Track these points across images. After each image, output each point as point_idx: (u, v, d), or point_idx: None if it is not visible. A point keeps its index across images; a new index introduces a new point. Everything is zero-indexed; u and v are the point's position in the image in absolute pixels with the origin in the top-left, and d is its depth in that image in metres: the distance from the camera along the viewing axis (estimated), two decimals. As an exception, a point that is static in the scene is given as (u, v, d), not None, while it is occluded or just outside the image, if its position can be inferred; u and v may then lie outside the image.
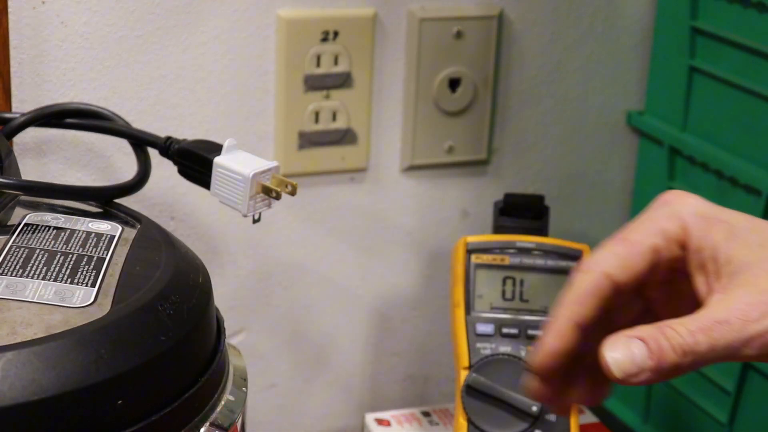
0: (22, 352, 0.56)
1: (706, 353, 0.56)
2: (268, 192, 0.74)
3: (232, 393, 0.67)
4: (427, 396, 1.10)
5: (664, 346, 0.56)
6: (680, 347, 0.56)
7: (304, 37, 0.94)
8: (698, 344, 0.56)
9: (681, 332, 0.56)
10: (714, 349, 0.56)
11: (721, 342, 0.56)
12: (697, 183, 1.00)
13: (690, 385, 1.03)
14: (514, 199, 0.90)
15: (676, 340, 0.56)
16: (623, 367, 0.56)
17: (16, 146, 0.88)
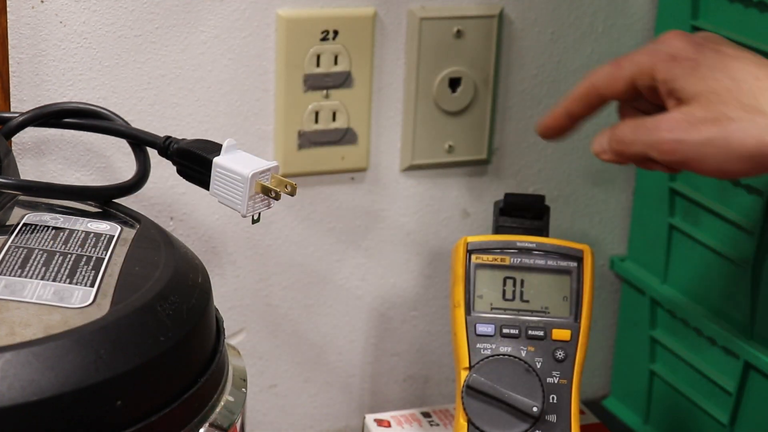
0: (21, 353, 0.56)
1: (630, 145, 0.77)
2: (267, 192, 0.73)
3: (231, 393, 0.67)
4: (427, 396, 1.10)
5: (617, 133, 0.78)
6: (621, 138, 0.78)
7: (304, 36, 0.94)
8: (629, 137, 0.77)
9: (625, 129, 0.77)
10: (635, 143, 0.76)
11: (640, 139, 0.75)
12: (698, 182, 1.00)
13: (691, 386, 1.03)
14: (514, 199, 0.90)
15: (624, 130, 0.77)
16: (593, 146, 0.81)
17: (15, 146, 0.88)
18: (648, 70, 0.75)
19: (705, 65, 0.73)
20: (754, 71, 0.73)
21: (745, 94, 0.72)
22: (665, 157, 0.74)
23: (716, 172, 0.73)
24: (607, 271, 1.12)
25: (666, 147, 0.74)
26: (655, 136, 0.74)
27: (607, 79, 0.78)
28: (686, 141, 0.73)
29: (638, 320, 1.09)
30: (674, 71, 0.74)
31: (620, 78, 0.77)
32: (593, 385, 1.15)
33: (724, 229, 0.97)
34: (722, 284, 0.99)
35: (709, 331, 0.99)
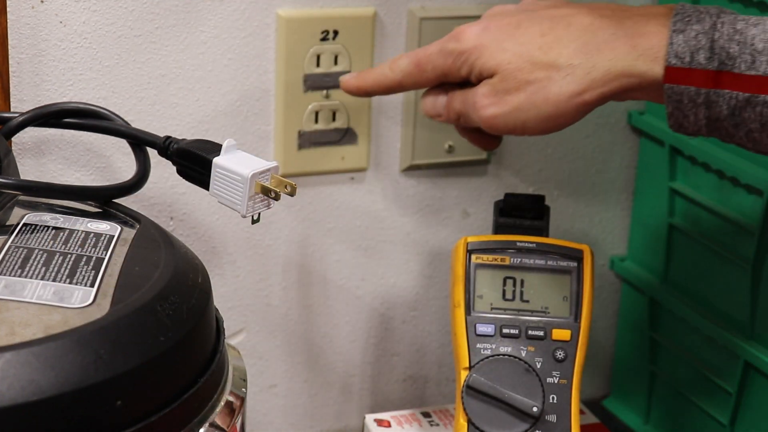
0: (21, 353, 0.56)
1: (465, 118, 0.81)
2: (267, 192, 0.73)
3: (231, 393, 0.67)
4: (427, 396, 1.10)
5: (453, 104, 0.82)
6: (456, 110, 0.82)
7: (304, 36, 0.94)
8: (461, 110, 0.81)
9: (456, 102, 0.82)
10: (467, 118, 0.81)
11: (469, 115, 0.80)
12: (699, 183, 1.00)
13: (691, 386, 1.03)
14: (514, 199, 0.90)
15: (457, 102, 0.81)
16: (425, 107, 0.84)
17: (15, 146, 0.88)
18: (449, 71, 0.81)
19: (492, 43, 0.78)
20: (538, 29, 0.77)
21: (536, 54, 0.77)
22: (492, 131, 0.80)
23: (541, 132, 0.78)
24: (607, 271, 1.12)
25: (487, 123, 0.79)
26: (475, 114, 0.79)
27: (413, 82, 0.83)
28: (499, 114, 0.78)
29: (638, 320, 1.09)
30: (469, 61, 0.79)
31: (426, 80, 0.83)
32: (593, 385, 1.15)
33: (724, 229, 0.97)
34: (722, 284, 0.99)
35: (709, 331, 0.99)
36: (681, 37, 0.72)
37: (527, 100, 0.77)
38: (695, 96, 0.72)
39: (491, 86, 0.78)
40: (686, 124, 0.74)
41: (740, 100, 0.71)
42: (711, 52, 0.71)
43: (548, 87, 0.76)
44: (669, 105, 0.74)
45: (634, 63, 0.74)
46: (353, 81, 0.86)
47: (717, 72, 0.71)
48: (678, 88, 0.73)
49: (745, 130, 0.72)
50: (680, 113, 0.74)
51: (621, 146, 1.09)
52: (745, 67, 0.70)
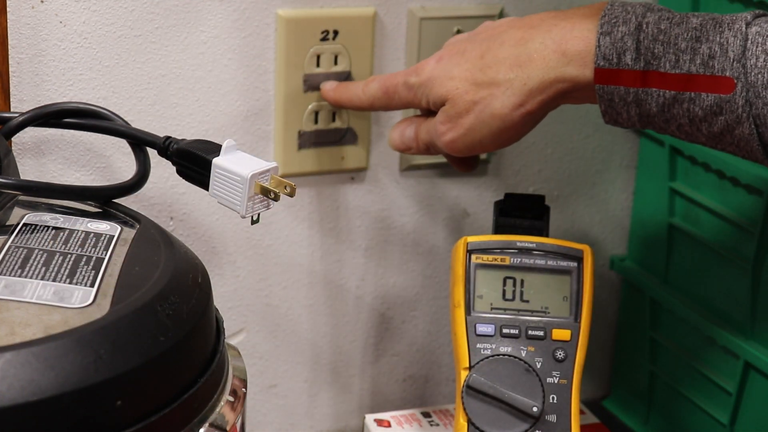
0: (21, 353, 0.56)
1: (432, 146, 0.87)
2: (266, 193, 0.73)
3: (231, 393, 0.67)
4: (427, 396, 1.10)
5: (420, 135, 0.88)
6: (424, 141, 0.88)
7: (304, 36, 0.94)
8: (427, 140, 0.87)
9: (422, 133, 0.87)
10: (434, 146, 0.87)
11: (434, 143, 0.86)
12: (699, 183, 1.00)
13: (691, 386, 1.03)
14: (514, 199, 0.90)
15: (423, 133, 0.87)
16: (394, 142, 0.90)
17: (15, 146, 0.88)
18: (412, 102, 0.87)
19: (442, 73, 0.83)
20: (478, 52, 0.82)
21: (477, 76, 0.81)
22: (457, 154, 0.85)
23: (498, 147, 0.83)
24: (607, 271, 1.12)
25: (449, 148, 0.85)
26: (439, 141, 0.85)
27: (383, 106, 0.89)
28: (456, 138, 0.83)
29: (638, 320, 1.09)
30: (425, 93, 0.85)
31: (393, 107, 0.89)
32: (593, 385, 1.15)
33: (724, 229, 0.97)
34: (722, 284, 0.99)
35: (709, 331, 0.99)
36: (608, 39, 0.75)
37: (477, 120, 0.82)
38: (625, 95, 0.75)
39: (445, 113, 0.83)
40: (620, 120, 0.77)
41: (668, 98, 0.74)
42: (637, 53, 0.74)
43: (492, 103, 0.81)
44: (602, 104, 0.77)
45: (565, 69, 0.78)
46: (331, 93, 0.93)
47: (644, 72, 0.74)
48: (608, 88, 0.76)
49: (675, 125, 0.75)
50: (613, 111, 0.77)
51: (621, 146, 1.09)
52: (669, 66, 0.73)
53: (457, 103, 0.82)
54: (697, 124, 0.74)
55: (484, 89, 0.81)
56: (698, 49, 0.73)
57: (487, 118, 0.81)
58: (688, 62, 0.73)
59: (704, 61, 0.72)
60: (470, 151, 0.84)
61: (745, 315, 0.95)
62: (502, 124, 0.81)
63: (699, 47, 0.73)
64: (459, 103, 0.82)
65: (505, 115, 0.81)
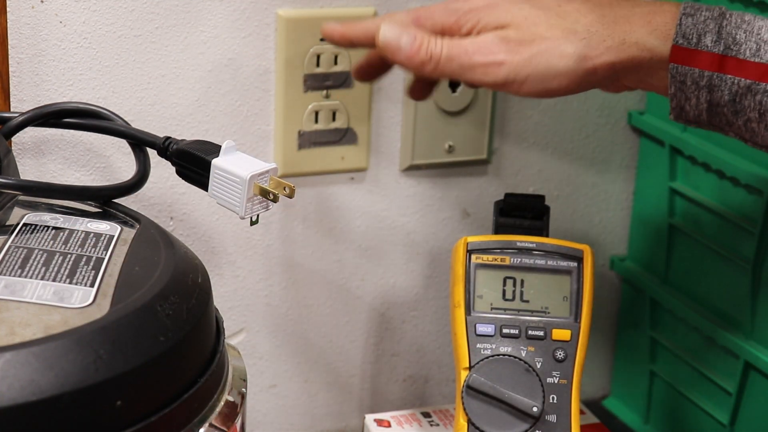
0: (21, 353, 0.56)
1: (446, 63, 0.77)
2: (265, 194, 0.73)
3: (231, 393, 0.67)
4: (427, 397, 1.10)
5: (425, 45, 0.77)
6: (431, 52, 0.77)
7: (304, 36, 0.94)
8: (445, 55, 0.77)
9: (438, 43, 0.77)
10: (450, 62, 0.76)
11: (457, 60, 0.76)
12: (699, 183, 1.00)
13: (691, 386, 1.03)
14: (514, 199, 0.90)
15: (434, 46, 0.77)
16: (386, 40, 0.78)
17: (15, 146, 0.88)
18: (449, 29, 0.78)
19: (505, 2, 0.77)
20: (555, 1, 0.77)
21: (552, 17, 0.76)
22: (485, 78, 0.77)
23: (537, 92, 0.77)
24: (607, 271, 1.12)
25: (488, 69, 0.76)
26: (473, 59, 0.76)
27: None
28: (507, 62, 0.76)
29: (638, 320, 1.09)
30: (477, 17, 0.77)
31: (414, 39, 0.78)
32: (593, 385, 1.15)
33: (724, 229, 0.97)
34: (722, 284, 0.99)
35: (709, 331, 0.99)
36: (690, 20, 0.74)
37: (540, 54, 0.76)
38: (699, 78, 0.74)
39: (502, 35, 0.76)
40: (687, 108, 0.75)
41: (742, 87, 0.72)
42: (718, 36, 0.73)
43: (563, 45, 0.76)
44: (672, 85, 0.75)
45: (647, 37, 0.75)
46: (339, 27, 0.82)
47: (722, 56, 0.73)
48: (682, 68, 0.74)
49: (743, 119, 0.73)
50: (683, 95, 0.75)
51: (621, 146, 1.09)
52: (749, 54, 0.72)
53: (522, 29, 0.76)
54: (766, 120, 0.72)
55: (557, 30, 0.76)
56: None
57: (553, 56, 0.76)
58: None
59: None
60: (504, 83, 0.77)
61: (745, 315, 0.95)
62: (565, 69, 0.76)
63: None
64: (524, 31, 0.76)
65: (572, 60, 0.76)
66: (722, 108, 0.74)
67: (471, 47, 0.77)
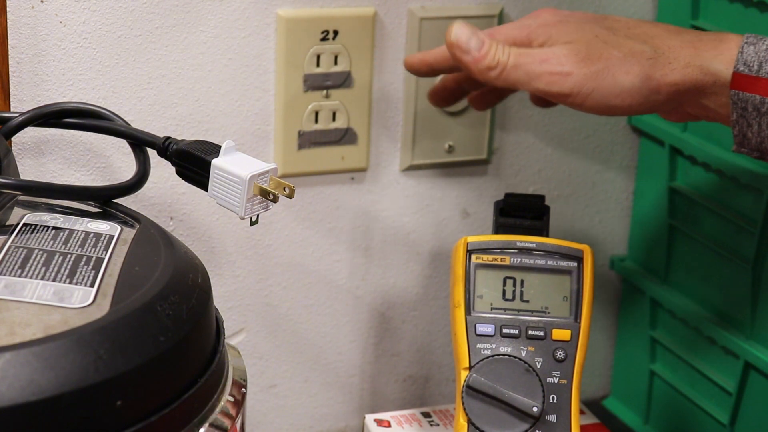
0: (21, 353, 0.56)
1: (511, 71, 0.79)
2: (265, 194, 0.73)
3: (231, 393, 0.67)
4: (427, 397, 1.10)
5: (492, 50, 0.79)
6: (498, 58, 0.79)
7: (304, 36, 0.94)
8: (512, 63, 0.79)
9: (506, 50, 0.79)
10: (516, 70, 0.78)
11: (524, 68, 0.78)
12: (699, 183, 1.00)
13: (691, 386, 1.03)
14: (514, 199, 0.90)
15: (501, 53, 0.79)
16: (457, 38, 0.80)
17: (15, 146, 0.88)
18: (519, 41, 0.81)
19: (575, 23, 0.80)
20: (624, 23, 0.80)
21: (622, 37, 0.79)
22: (550, 88, 0.78)
23: (600, 107, 0.78)
24: (607, 271, 1.12)
25: (553, 78, 0.78)
26: (542, 67, 0.78)
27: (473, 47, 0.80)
28: (575, 73, 0.78)
29: (638, 320, 1.09)
30: (547, 33, 0.80)
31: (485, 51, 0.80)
32: (593, 385, 1.15)
33: (725, 228, 0.97)
34: (722, 284, 0.99)
35: (709, 331, 0.99)
36: (752, 48, 0.75)
37: (607, 69, 0.78)
38: (760, 105, 0.75)
39: (572, 49, 0.78)
40: (750, 135, 0.76)
41: None
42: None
43: (630, 63, 0.78)
44: (734, 112, 0.76)
45: (712, 62, 0.77)
46: (418, 55, 0.88)
47: None
48: (744, 95, 0.75)
49: None
50: (744, 121, 0.76)
51: (621, 146, 1.09)
52: None
53: (592, 46, 0.78)
54: None
55: (626, 48, 0.78)
56: None
57: (619, 72, 0.77)
58: None
59: None
60: (571, 94, 0.78)
61: (745, 315, 0.95)
62: (630, 86, 0.77)
63: None
64: (594, 48, 0.78)
65: (638, 78, 0.77)
66: None
67: (540, 56, 0.78)
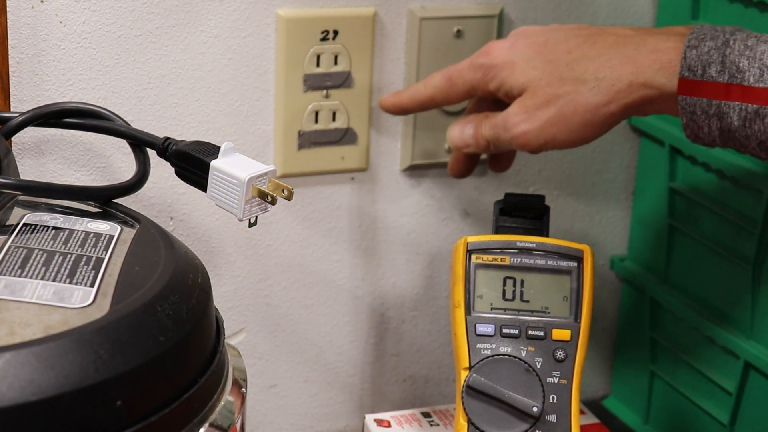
0: (21, 353, 0.56)
1: (494, 142, 0.86)
2: (263, 196, 0.73)
3: (231, 393, 0.67)
4: (427, 397, 1.09)
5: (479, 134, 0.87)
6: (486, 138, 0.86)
7: (304, 36, 0.94)
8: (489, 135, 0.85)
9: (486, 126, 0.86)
10: (497, 141, 0.85)
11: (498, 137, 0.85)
12: (699, 183, 1.00)
13: (691, 386, 1.03)
14: (514, 199, 0.90)
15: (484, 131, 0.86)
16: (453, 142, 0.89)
17: (15, 146, 0.88)
18: (478, 84, 0.85)
19: (521, 60, 0.83)
20: (565, 47, 0.82)
21: (563, 70, 0.81)
22: (524, 148, 0.84)
23: (570, 144, 0.82)
24: (607, 271, 1.12)
25: (520, 140, 0.83)
26: (507, 134, 0.84)
27: (444, 96, 0.88)
28: (530, 129, 0.82)
29: (638, 320, 1.09)
30: (500, 77, 0.84)
31: (456, 94, 0.87)
32: (593, 385, 1.15)
33: (725, 228, 0.97)
34: (722, 284, 0.99)
35: (709, 331, 0.99)
36: (695, 52, 0.76)
37: (557, 114, 0.81)
38: (707, 107, 0.76)
39: (521, 103, 0.83)
40: (701, 135, 0.78)
41: (750, 112, 0.74)
42: (722, 66, 0.75)
43: (576, 99, 0.80)
44: (684, 116, 0.77)
45: (654, 76, 0.78)
46: (390, 99, 0.93)
47: (727, 84, 0.75)
48: (691, 99, 0.77)
49: (756, 141, 0.75)
50: (695, 124, 0.77)
51: (621, 146, 1.09)
52: (753, 80, 0.74)
53: (537, 94, 0.82)
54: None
55: (568, 84, 0.81)
56: None
57: (568, 112, 0.81)
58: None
59: None
60: (539, 146, 0.83)
61: (745, 315, 0.95)
62: (582, 121, 0.81)
63: None
64: (540, 95, 0.82)
65: (587, 113, 0.80)
66: (734, 133, 0.76)
67: (502, 124, 0.84)
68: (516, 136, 0.83)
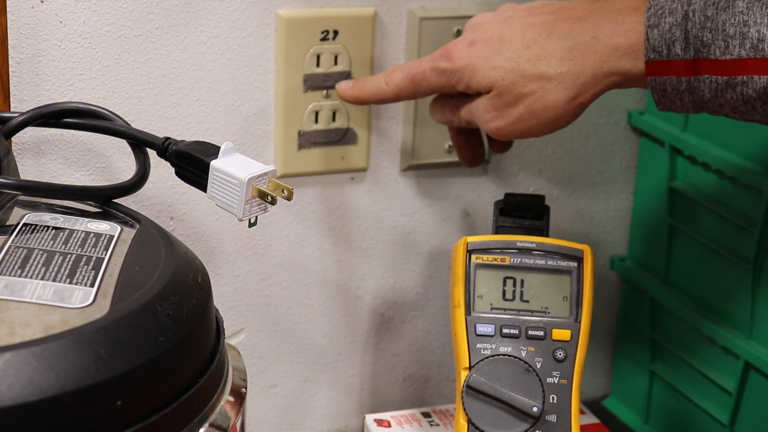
0: (21, 353, 0.56)
1: (472, 124, 0.87)
2: (263, 196, 0.73)
3: (231, 393, 0.67)
4: (427, 397, 1.10)
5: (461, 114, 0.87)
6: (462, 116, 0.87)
7: (304, 36, 0.94)
8: (465, 119, 0.87)
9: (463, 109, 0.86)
10: (475, 124, 0.86)
11: (477, 123, 0.86)
12: (699, 183, 1.00)
13: (691, 386, 1.03)
14: (514, 199, 0.90)
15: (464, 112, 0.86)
16: (435, 118, 0.91)
17: (15, 146, 0.88)
18: (445, 87, 0.85)
19: (482, 61, 0.83)
20: (521, 41, 0.82)
21: (525, 67, 0.81)
22: (502, 139, 0.86)
23: (546, 133, 0.83)
24: (607, 271, 1.12)
25: (495, 134, 0.84)
26: (483, 126, 0.85)
27: (408, 95, 0.88)
28: (503, 126, 0.83)
29: (638, 320, 1.09)
30: (464, 80, 0.84)
31: (422, 94, 0.88)
32: (593, 385, 1.15)
33: (725, 228, 0.97)
34: (722, 284, 0.99)
35: (709, 331, 0.99)
36: (656, 31, 0.76)
37: (527, 111, 0.82)
38: (677, 84, 0.76)
39: (490, 102, 0.83)
40: (674, 107, 0.78)
41: (720, 83, 0.75)
42: (686, 43, 0.75)
43: (545, 96, 0.81)
44: (655, 94, 0.78)
45: (618, 63, 0.78)
46: (350, 91, 0.91)
47: (694, 60, 0.75)
48: (660, 79, 0.77)
49: (729, 108, 0.76)
50: (667, 99, 0.78)
51: (621, 146, 1.09)
52: (719, 53, 0.74)
53: (504, 94, 0.82)
54: (752, 104, 0.74)
55: (534, 82, 0.81)
56: (747, 33, 0.73)
57: (538, 110, 0.81)
58: (738, 47, 0.73)
59: (754, 44, 0.73)
60: (516, 137, 0.84)
61: (745, 315, 0.95)
62: (554, 116, 0.81)
63: (747, 31, 0.73)
64: (506, 95, 0.82)
65: (557, 108, 0.81)
66: (706, 104, 0.76)
67: (475, 114, 0.85)
68: (491, 130, 0.84)
